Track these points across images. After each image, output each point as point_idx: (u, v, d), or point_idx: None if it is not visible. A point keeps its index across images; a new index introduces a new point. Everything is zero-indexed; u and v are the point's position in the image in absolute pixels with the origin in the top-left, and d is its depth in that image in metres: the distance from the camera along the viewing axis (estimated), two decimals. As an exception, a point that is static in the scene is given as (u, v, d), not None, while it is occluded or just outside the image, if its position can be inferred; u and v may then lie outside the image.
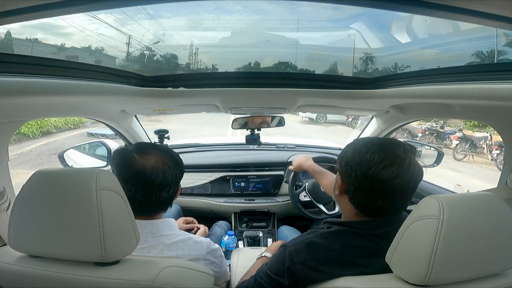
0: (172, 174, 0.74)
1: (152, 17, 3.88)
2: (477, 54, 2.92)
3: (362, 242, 0.66)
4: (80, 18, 3.72)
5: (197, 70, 4.27)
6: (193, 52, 4.33)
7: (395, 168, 0.62)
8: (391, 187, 0.63)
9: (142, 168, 0.70)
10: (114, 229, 0.54)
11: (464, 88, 0.68)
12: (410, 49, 1.37)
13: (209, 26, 6.20)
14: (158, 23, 4.03)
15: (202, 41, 4.82)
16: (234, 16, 4.76)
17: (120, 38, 4.49)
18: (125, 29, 4.37)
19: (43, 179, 0.56)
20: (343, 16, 1.98)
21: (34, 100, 0.73)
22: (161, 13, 4.54)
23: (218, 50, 4.77)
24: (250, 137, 1.55)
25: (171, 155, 0.78)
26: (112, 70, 0.83)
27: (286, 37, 3.75)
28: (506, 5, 0.42)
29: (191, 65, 4.27)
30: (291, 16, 5.08)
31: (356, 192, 0.67)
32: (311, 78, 1.01)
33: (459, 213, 0.51)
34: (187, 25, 6.27)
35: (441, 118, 8.07)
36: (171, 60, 3.84)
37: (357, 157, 0.67)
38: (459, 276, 0.53)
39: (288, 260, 0.68)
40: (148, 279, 0.54)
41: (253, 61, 2.61)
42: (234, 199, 1.68)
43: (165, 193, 0.74)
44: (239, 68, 2.67)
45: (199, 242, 0.76)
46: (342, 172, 0.71)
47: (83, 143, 1.55)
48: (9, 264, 0.58)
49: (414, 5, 0.47)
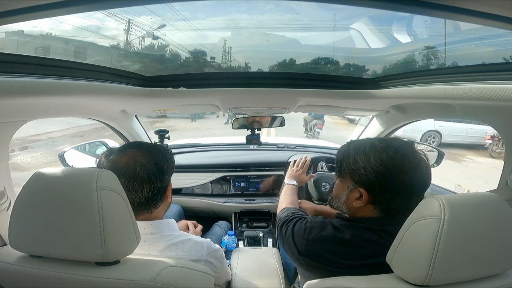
0: (144, 172, 0.71)
1: (186, 19, 3.86)
2: (478, 54, 2.92)
3: (372, 237, 0.66)
4: (117, 22, 3.73)
5: (229, 68, 4.22)
6: (226, 51, 4.30)
7: (421, 169, 0.65)
8: (421, 187, 0.66)
9: (113, 167, 0.70)
10: (115, 229, 0.54)
11: (464, 88, 0.68)
12: (411, 49, 1.37)
13: (242, 25, 6.17)
14: (192, 24, 4.02)
15: (235, 41, 4.79)
16: (266, 15, 4.75)
17: (154, 40, 4.45)
18: (159, 33, 4.33)
19: (43, 179, 0.56)
20: (343, 16, 1.98)
21: (34, 100, 0.73)
22: (197, 14, 4.53)
23: (251, 50, 4.74)
24: (250, 137, 1.55)
25: (152, 153, 0.74)
26: (112, 70, 0.83)
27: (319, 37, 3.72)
28: (506, 5, 0.42)
29: (224, 64, 4.22)
30: (292, 16, 5.09)
31: (393, 200, 0.66)
32: (311, 78, 1.00)
33: (460, 214, 0.51)
34: (222, 25, 6.25)
35: (441, 118, 8.06)
36: (205, 60, 3.79)
37: (387, 164, 0.65)
38: (460, 276, 0.52)
39: (303, 233, 0.72)
40: (148, 279, 0.54)
41: (288, 58, 2.55)
42: (234, 199, 1.68)
43: (137, 193, 0.71)
44: (273, 66, 2.63)
45: (199, 243, 0.76)
46: (370, 183, 0.66)
47: (83, 143, 1.55)
48: (9, 264, 0.58)
49: (414, 5, 0.47)
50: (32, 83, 0.60)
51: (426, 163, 0.67)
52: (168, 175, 0.78)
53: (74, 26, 4.24)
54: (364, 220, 0.69)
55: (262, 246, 1.51)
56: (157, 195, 0.75)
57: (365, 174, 0.67)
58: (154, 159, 0.74)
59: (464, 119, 1.35)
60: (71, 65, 0.72)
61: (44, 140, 6.56)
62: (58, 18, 1.41)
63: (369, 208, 0.69)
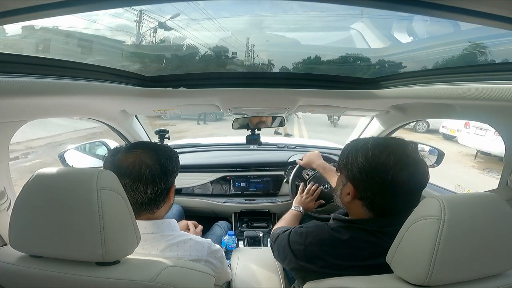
0: (149, 173, 0.71)
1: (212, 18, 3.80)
2: (478, 54, 2.92)
3: (370, 238, 0.66)
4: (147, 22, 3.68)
5: (252, 67, 4.17)
6: (249, 49, 4.27)
7: (410, 168, 0.64)
8: (409, 188, 0.64)
9: (118, 167, 0.70)
10: (115, 229, 0.54)
11: (465, 88, 0.68)
12: (411, 49, 1.37)
13: (266, 24, 6.13)
14: (218, 23, 3.96)
15: (258, 39, 4.76)
16: (289, 15, 4.71)
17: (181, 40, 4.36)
18: (186, 32, 4.27)
19: (44, 179, 0.56)
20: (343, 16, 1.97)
21: (35, 100, 0.73)
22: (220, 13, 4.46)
23: (274, 49, 4.71)
24: (251, 137, 1.56)
25: (157, 154, 0.74)
26: (112, 70, 0.83)
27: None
28: (506, 5, 0.42)
29: (246, 62, 4.18)
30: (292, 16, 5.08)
31: (375, 197, 0.66)
32: (311, 78, 1.01)
33: (460, 214, 0.51)
34: (248, 23, 6.21)
35: (441, 118, 8.09)
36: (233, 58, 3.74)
37: (371, 161, 0.65)
38: (460, 276, 0.52)
39: (300, 239, 0.72)
40: (148, 279, 0.54)
41: (312, 55, 2.52)
42: (234, 199, 1.68)
43: (141, 193, 0.71)
44: (297, 63, 2.60)
45: (200, 243, 0.76)
46: (355, 179, 0.69)
47: (84, 143, 1.55)
48: (10, 264, 0.58)
49: (414, 5, 0.47)
50: (32, 83, 0.60)
51: (420, 164, 0.66)
52: (172, 177, 0.78)
53: (107, 26, 4.19)
54: (361, 221, 0.69)
55: (262, 246, 1.51)
56: (160, 196, 0.75)
57: (351, 169, 0.69)
58: (160, 160, 0.74)
59: (465, 119, 1.35)
60: (71, 65, 0.72)
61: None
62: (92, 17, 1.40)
63: (358, 204, 0.70)
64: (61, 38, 3.47)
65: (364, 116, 1.62)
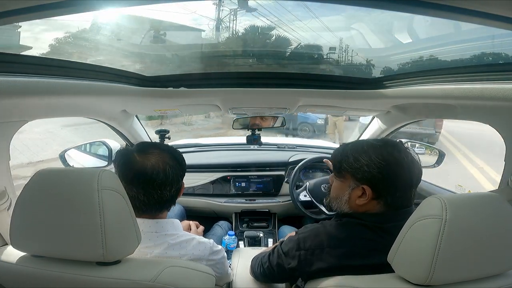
0: (173, 172, 0.74)
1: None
2: (478, 54, 2.91)
3: (369, 235, 0.66)
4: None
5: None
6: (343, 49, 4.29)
7: (415, 163, 0.70)
8: (416, 181, 0.70)
9: (143, 168, 0.70)
10: (116, 229, 0.54)
11: (465, 88, 0.68)
12: (411, 49, 1.37)
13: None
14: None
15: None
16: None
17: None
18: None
19: (44, 178, 0.56)
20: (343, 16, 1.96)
21: (35, 100, 0.73)
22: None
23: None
24: (251, 137, 1.55)
25: (172, 153, 0.77)
26: (113, 70, 0.83)
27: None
28: (506, 5, 0.42)
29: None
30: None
31: (396, 193, 0.68)
32: (312, 78, 1.00)
33: (462, 213, 0.51)
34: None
35: (442, 118, 8.05)
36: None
37: (388, 159, 0.68)
38: (461, 276, 0.52)
39: (297, 246, 0.71)
40: (149, 279, 0.54)
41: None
42: (234, 199, 1.68)
43: (167, 192, 0.74)
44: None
45: (203, 243, 0.77)
46: (374, 179, 0.68)
47: (84, 143, 1.55)
48: (10, 263, 0.59)
49: (414, 5, 0.47)
50: (33, 83, 0.60)
51: (417, 159, 0.73)
52: (184, 175, 0.81)
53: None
54: (364, 216, 0.69)
55: (262, 246, 1.51)
56: (176, 195, 0.78)
57: (368, 171, 0.68)
58: (178, 160, 0.77)
59: (465, 120, 1.34)
60: (72, 65, 0.72)
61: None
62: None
63: (373, 204, 0.70)
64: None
65: (365, 116, 1.62)
